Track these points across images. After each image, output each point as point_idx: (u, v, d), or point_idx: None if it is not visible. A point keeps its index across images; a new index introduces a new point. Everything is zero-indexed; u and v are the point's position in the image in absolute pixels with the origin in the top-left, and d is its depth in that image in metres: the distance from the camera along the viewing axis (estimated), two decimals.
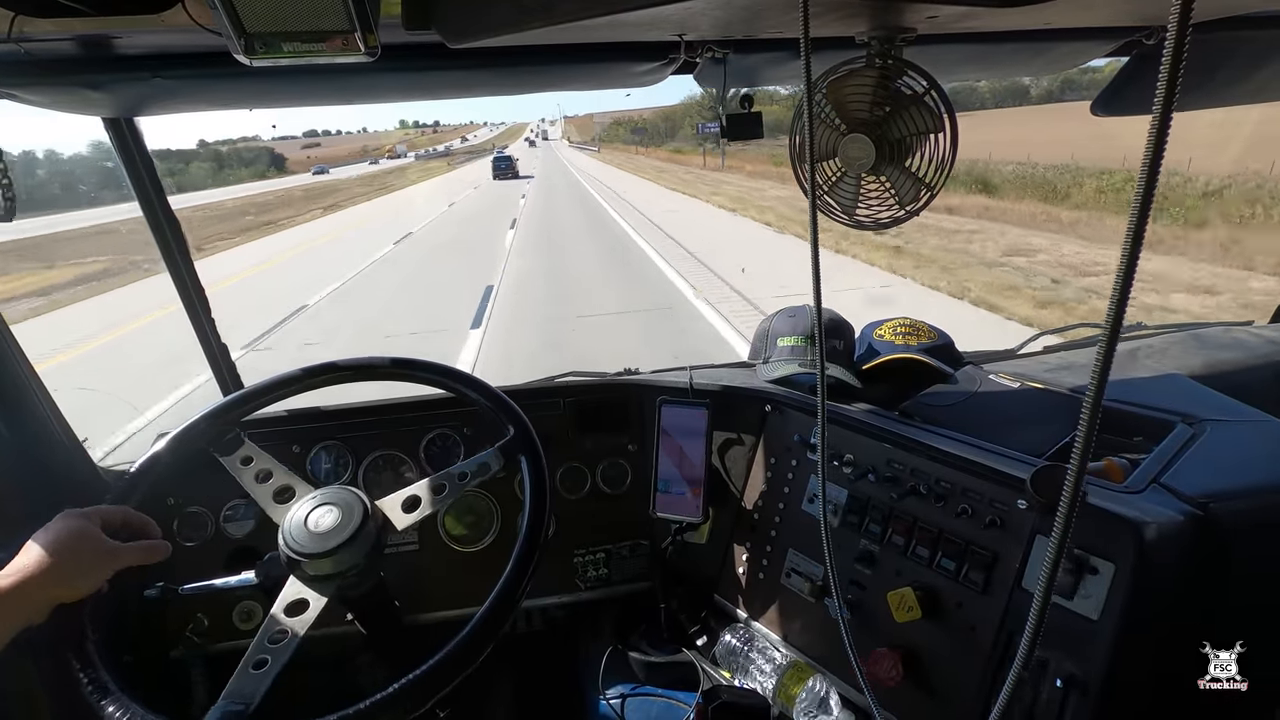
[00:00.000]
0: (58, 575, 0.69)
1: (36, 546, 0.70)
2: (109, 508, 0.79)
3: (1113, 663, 0.75)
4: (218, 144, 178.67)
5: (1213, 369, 1.37)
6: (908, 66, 0.82)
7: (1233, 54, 1.08)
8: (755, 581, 1.18)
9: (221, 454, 0.91)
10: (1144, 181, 0.34)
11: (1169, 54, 0.32)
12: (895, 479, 1.01)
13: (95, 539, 0.73)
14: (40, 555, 0.69)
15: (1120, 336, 0.38)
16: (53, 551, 0.70)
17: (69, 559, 0.70)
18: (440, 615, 1.24)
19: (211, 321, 1.35)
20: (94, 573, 0.73)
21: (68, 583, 0.71)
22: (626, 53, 1.01)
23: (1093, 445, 0.38)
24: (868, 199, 0.90)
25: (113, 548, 0.74)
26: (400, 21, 0.78)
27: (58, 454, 1.14)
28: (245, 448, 0.92)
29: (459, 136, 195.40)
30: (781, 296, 6.36)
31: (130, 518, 0.80)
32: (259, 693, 0.69)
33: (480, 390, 1.00)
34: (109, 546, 0.74)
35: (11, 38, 0.73)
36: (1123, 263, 0.35)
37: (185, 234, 1.29)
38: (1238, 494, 0.84)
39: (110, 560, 0.74)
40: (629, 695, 1.14)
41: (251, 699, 0.68)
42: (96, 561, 0.73)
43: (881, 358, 1.25)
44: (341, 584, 0.80)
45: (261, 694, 0.69)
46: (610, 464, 1.37)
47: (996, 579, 0.86)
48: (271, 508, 0.87)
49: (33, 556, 0.69)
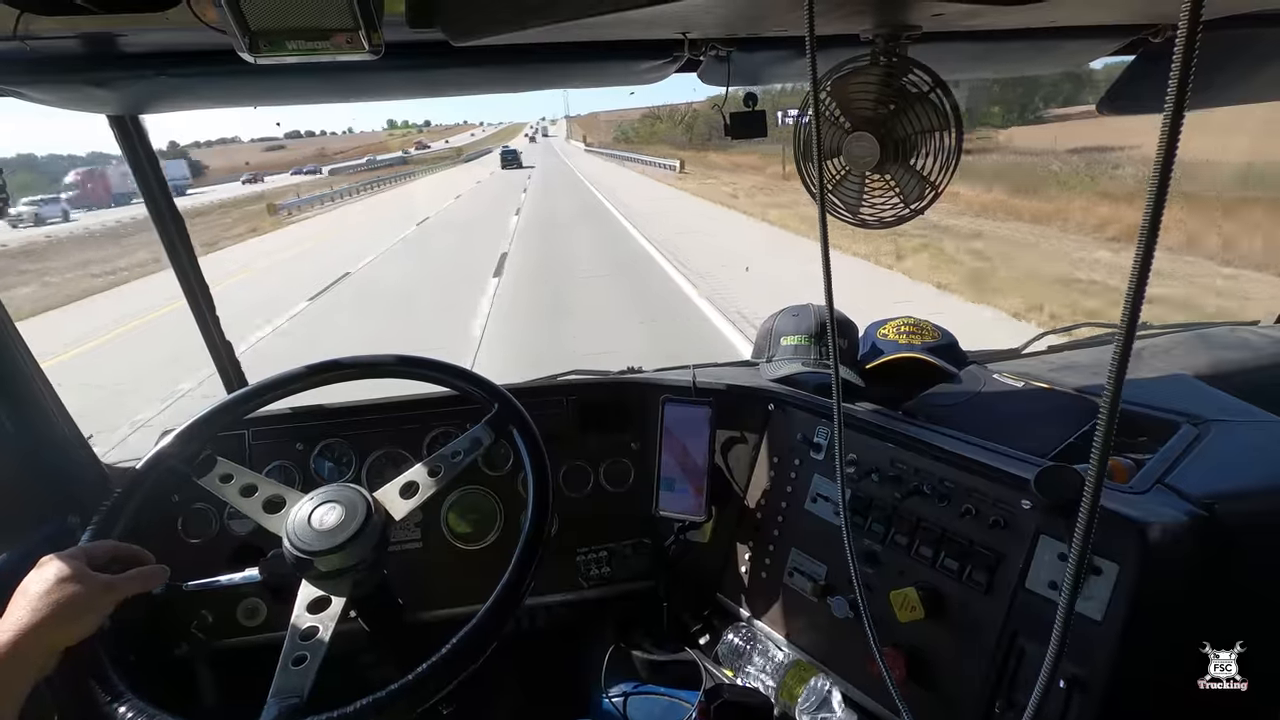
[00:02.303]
0: (57, 621, 0.66)
1: (29, 595, 0.67)
2: (92, 544, 0.76)
3: (1116, 663, 0.74)
4: (190, 145, 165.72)
5: (1218, 369, 1.36)
6: (913, 64, 0.81)
7: (1242, 52, 1.08)
8: (758, 580, 1.18)
9: (198, 475, 0.89)
10: (1157, 181, 0.34)
11: (1180, 52, 0.32)
12: (899, 478, 1.01)
13: (86, 577, 0.70)
14: (34, 606, 0.66)
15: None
16: (47, 597, 0.66)
17: (65, 604, 0.67)
18: (443, 613, 1.24)
19: (216, 319, 1.36)
20: (94, 611, 0.69)
21: (69, 626, 0.67)
22: (630, 50, 1.00)
23: (1110, 449, 0.38)
24: (872, 197, 0.90)
25: (107, 582, 0.71)
26: (404, 19, 0.78)
27: (63, 452, 1.14)
28: (220, 465, 0.90)
29: (423, 141, 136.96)
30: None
31: (119, 551, 0.77)
32: (306, 686, 0.70)
33: (474, 381, 1.01)
34: (103, 581, 0.70)
35: (17, 36, 0.73)
36: (1137, 263, 0.35)
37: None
38: (1243, 495, 0.84)
39: (108, 595, 0.71)
40: (631, 694, 1.14)
41: (301, 692, 0.69)
42: (93, 600, 0.69)
43: (885, 357, 1.25)
44: (355, 579, 0.80)
45: (309, 687, 0.70)
46: (613, 462, 1.37)
47: (1000, 579, 0.86)
48: (265, 519, 0.86)
49: (26, 609, 0.66)
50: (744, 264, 9.66)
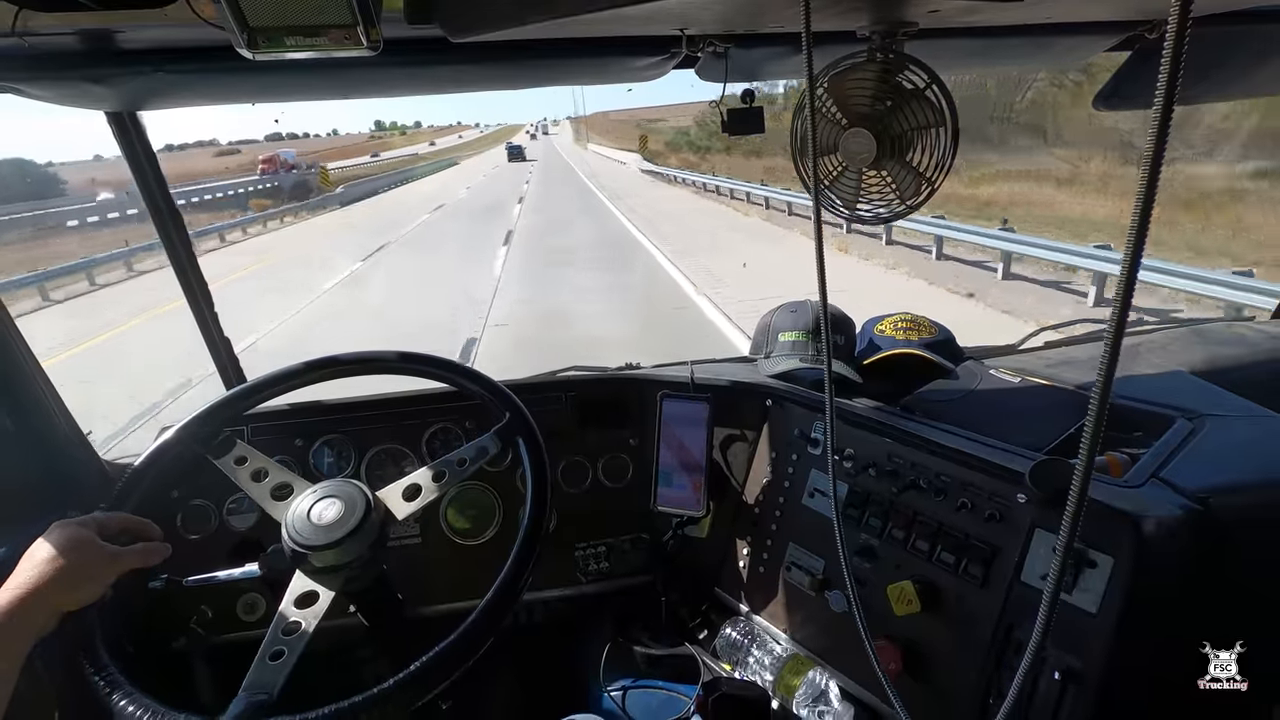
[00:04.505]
0: (60, 585, 0.69)
1: (36, 558, 0.70)
2: (104, 514, 0.79)
3: (1111, 656, 0.75)
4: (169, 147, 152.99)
5: (1214, 365, 1.36)
6: (909, 61, 0.82)
7: (1234, 48, 1.08)
8: (756, 575, 1.18)
9: (215, 456, 0.91)
10: (1146, 176, 0.34)
11: (1169, 48, 0.32)
12: (895, 473, 1.01)
13: (94, 546, 0.73)
14: (41, 567, 0.69)
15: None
16: (53, 562, 0.69)
17: (70, 568, 0.70)
18: (442, 608, 1.25)
19: (214, 315, 1.36)
20: (96, 579, 0.72)
21: (71, 591, 0.70)
22: (628, 47, 1.00)
23: (1100, 440, 0.39)
24: (868, 193, 0.90)
25: (113, 552, 0.74)
26: (402, 15, 0.78)
27: (62, 449, 1.14)
28: (238, 448, 0.92)
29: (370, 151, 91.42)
30: None
31: (129, 522, 0.80)
32: (279, 683, 0.70)
33: (479, 382, 1.01)
34: (109, 552, 0.74)
35: (15, 32, 0.73)
36: (1126, 259, 0.35)
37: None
38: (1237, 489, 0.84)
39: (111, 565, 0.74)
40: (630, 687, 1.14)
41: (273, 689, 0.69)
42: (98, 568, 0.72)
43: (883, 353, 1.25)
44: (348, 575, 0.81)
45: (281, 684, 0.70)
46: (611, 458, 1.38)
47: (996, 572, 0.87)
48: (271, 505, 0.87)
49: (33, 569, 0.69)
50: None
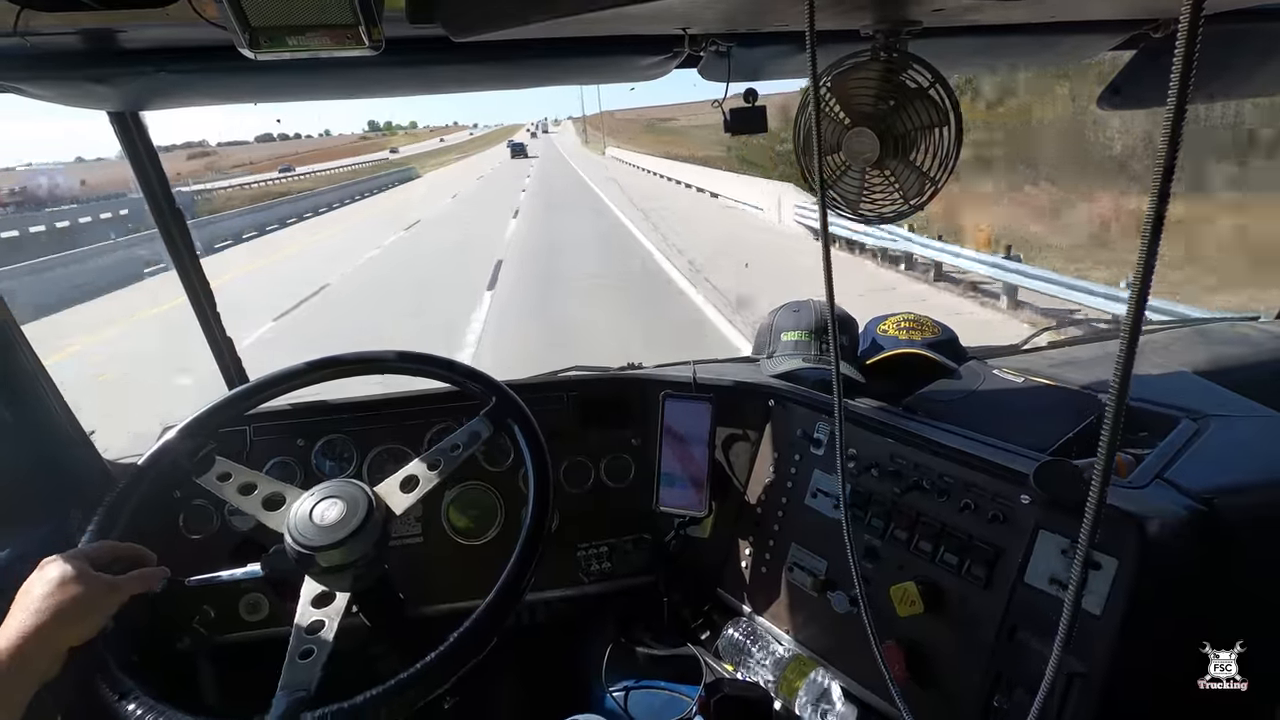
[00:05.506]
0: (62, 622, 0.66)
1: (32, 597, 0.67)
2: (94, 546, 0.77)
3: (1115, 658, 0.75)
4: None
5: (1218, 365, 1.36)
6: (912, 60, 0.81)
7: (1243, 47, 1.07)
8: (758, 576, 1.18)
9: (197, 475, 0.90)
10: (1160, 175, 0.34)
11: (1181, 46, 0.32)
12: (898, 473, 1.01)
13: (90, 577, 0.70)
14: (37, 609, 0.66)
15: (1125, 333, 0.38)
16: (50, 599, 0.67)
17: (69, 603, 0.67)
18: (445, 608, 1.24)
19: (217, 315, 1.36)
20: (98, 611, 0.70)
21: (74, 626, 0.68)
22: (630, 46, 1.00)
23: (1117, 447, 0.38)
24: (872, 192, 0.90)
25: (110, 582, 0.71)
26: (404, 15, 0.78)
27: (64, 448, 1.14)
28: (218, 465, 0.91)
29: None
30: None
31: (119, 551, 0.78)
32: (314, 679, 0.71)
33: (477, 379, 1.01)
34: (106, 581, 0.71)
35: (17, 32, 0.73)
36: (1141, 259, 0.35)
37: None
38: (1242, 489, 0.84)
39: (111, 595, 0.71)
40: (632, 688, 1.14)
41: (309, 685, 0.70)
42: (97, 599, 0.70)
43: (885, 352, 1.25)
44: (355, 574, 0.81)
45: (317, 680, 0.71)
46: (614, 458, 1.37)
47: (999, 574, 0.86)
48: (265, 516, 0.86)
49: (30, 609, 0.66)
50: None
